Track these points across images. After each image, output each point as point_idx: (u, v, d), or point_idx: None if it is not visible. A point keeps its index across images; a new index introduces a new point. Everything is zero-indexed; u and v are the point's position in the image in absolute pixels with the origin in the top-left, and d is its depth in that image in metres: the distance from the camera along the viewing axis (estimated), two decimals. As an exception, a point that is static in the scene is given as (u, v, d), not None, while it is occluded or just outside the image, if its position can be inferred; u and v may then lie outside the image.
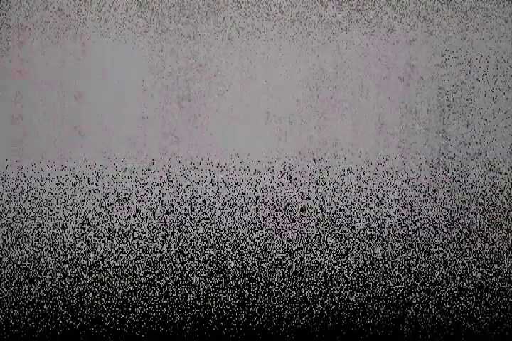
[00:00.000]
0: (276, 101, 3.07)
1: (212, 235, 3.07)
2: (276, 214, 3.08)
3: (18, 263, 3.02)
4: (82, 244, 3.04)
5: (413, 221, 3.10)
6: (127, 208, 3.05)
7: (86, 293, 3.04)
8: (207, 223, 3.07)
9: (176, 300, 3.06)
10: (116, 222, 3.04)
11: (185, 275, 3.06)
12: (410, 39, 3.10)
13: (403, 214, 3.10)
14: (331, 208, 3.09)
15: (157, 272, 3.05)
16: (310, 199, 3.08)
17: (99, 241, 3.04)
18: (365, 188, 3.09)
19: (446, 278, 3.10)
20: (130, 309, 3.04)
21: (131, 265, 3.05)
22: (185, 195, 3.06)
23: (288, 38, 3.07)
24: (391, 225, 3.10)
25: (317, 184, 3.09)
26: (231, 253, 3.07)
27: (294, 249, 3.08)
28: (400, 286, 3.10)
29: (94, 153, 3.04)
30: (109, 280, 3.04)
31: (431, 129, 3.11)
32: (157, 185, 3.05)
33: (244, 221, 3.07)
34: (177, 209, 3.06)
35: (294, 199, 3.08)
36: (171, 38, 3.05)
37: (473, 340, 3.09)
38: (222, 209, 3.07)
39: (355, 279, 3.09)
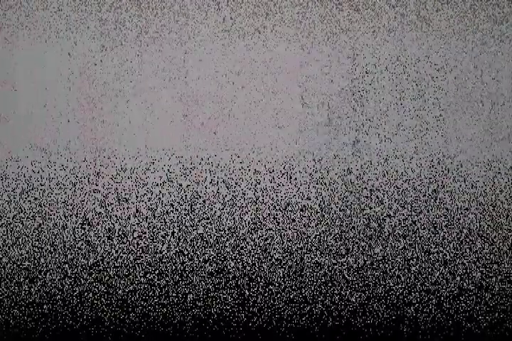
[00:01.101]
0: (276, 101, 3.07)
1: (212, 235, 3.07)
2: (276, 214, 3.08)
3: (18, 263, 3.02)
4: (82, 244, 3.04)
5: (413, 221, 3.10)
6: (127, 208, 3.05)
7: (86, 293, 3.04)
8: (207, 223, 3.07)
9: (176, 300, 3.06)
10: (116, 222, 3.04)
11: (185, 275, 3.06)
12: (410, 39, 3.10)
13: (403, 214, 3.10)
14: (331, 208, 3.09)
15: (157, 272, 3.05)
16: (310, 199, 3.08)
17: (99, 241, 3.04)
18: (365, 188, 3.09)
19: (446, 278, 3.10)
20: (130, 309, 3.04)
21: (131, 265, 3.05)
22: (185, 195, 3.06)
23: (288, 37, 3.07)
24: (391, 225, 3.10)
25: (317, 184, 3.09)
26: (231, 253, 3.07)
27: (294, 249, 3.08)
28: (400, 286, 3.10)
29: (93, 152, 3.04)
30: (109, 280, 3.04)
31: (431, 129, 3.11)
32: (157, 185, 3.05)
33: (244, 221, 3.07)
34: (177, 209, 3.06)
35: (294, 199, 3.08)
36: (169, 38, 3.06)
37: (473, 340, 3.09)
38: (222, 209, 3.07)
39: (355, 279, 3.09)
